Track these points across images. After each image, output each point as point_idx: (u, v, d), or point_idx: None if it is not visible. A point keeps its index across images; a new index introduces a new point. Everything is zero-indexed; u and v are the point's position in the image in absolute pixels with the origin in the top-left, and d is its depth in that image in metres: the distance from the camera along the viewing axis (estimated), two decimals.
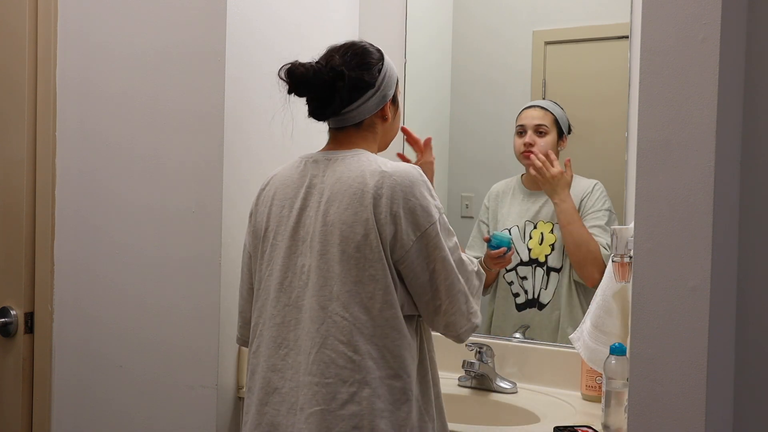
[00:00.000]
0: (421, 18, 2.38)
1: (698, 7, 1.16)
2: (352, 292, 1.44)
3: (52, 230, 2.14)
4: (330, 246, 1.46)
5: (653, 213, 1.19)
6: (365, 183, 1.45)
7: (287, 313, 1.51)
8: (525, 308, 2.21)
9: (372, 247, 1.44)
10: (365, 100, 1.54)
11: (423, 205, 1.47)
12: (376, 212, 1.43)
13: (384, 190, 1.44)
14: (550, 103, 2.18)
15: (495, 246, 2.12)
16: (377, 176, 1.46)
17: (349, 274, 1.44)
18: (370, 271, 1.44)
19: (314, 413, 1.43)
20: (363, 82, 1.53)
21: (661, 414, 1.18)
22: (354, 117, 1.55)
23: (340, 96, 1.51)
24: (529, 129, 2.17)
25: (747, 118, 1.26)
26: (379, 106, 1.57)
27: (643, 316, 1.20)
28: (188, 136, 1.94)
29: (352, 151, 1.54)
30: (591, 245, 2.07)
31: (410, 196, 1.46)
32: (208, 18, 1.89)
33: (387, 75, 1.58)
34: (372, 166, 1.48)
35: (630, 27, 2.04)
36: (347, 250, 1.44)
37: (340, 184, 1.48)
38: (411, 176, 1.48)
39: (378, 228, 1.44)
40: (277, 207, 1.56)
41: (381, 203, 1.44)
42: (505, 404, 2.01)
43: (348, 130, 1.57)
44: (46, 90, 2.14)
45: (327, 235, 1.47)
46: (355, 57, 1.54)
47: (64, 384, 2.13)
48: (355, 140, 1.57)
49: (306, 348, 1.47)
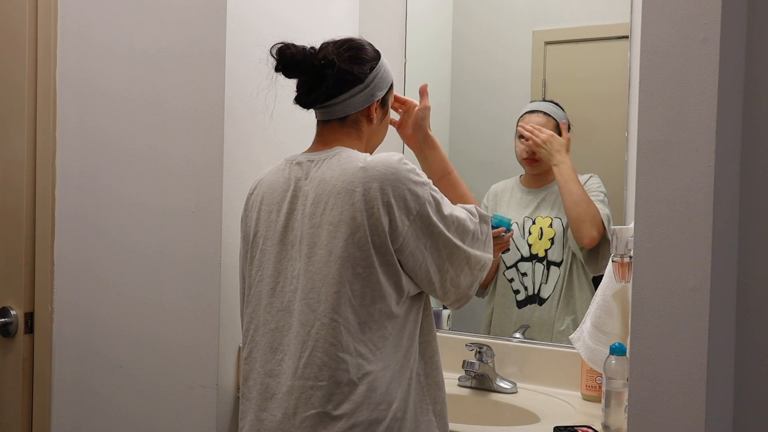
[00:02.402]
0: (421, 18, 2.38)
1: (698, 7, 1.16)
2: (340, 293, 1.43)
3: (52, 230, 2.14)
4: (317, 248, 1.46)
5: (653, 213, 1.19)
6: (349, 181, 1.45)
7: (281, 318, 1.51)
8: (525, 305, 2.22)
9: (359, 245, 1.43)
10: (351, 95, 1.53)
11: (410, 188, 1.46)
12: (368, 207, 1.43)
13: (371, 184, 1.43)
14: (551, 107, 2.18)
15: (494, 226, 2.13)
16: (360, 173, 1.45)
17: (336, 274, 1.43)
18: (357, 269, 1.43)
19: (309, 417, 1.43)
20: (351, 75, 1.52)
21: (661, 414, 1.18)
22: (338, 110, 1.55)
23: (327, 85, 1.51)
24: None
25: (747, 118, 1.26)
26: (366, 104, 1.56)
27: (643, 316, 1.20)
28: (188, 135, 1.94)
29: (334, 150, 1.53)
30: (590, 204, 2.07)
31: (398, 183, 1.44)
32: (208, 18, 1.89)
33: (379, 76, 1.57)
34: (352, 163, 1.47)
35: (630, 27, 2.04)
36: (334, 251, 1.44)
37: (324, 185, 1.47)
38: (392, 165, 1.46)
39: (372, 223, 1.43)
40: (265, 212, 1.56)
41: (372, 198, 1.43)
42: (505, 404, 2.01)
43: (332, 125, 1.57)
44: (46, 90, 2.14)
45: (313, 237, 1.47)
46: (349, 50, 1.54)
47: (64, 384, 2.13)
48: (338, 137, 1.56)
49: (296, 352, 1.46)
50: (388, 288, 1.46)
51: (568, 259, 2.15)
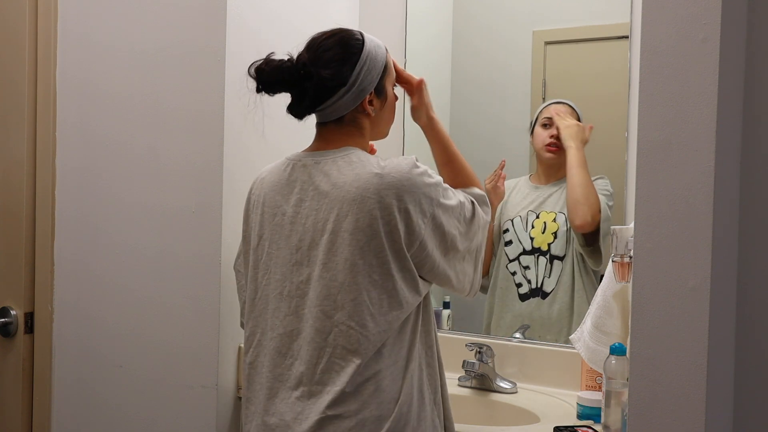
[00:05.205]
0: (421, 18, 2.38)
1: (698, 7, 1.16)
2: (357, 300, 1.43)
3: (52, 230, 2.14)
4: (331, 255, 1.45)
5: (653, 213, 1.19)
6: (364, 188, 1.44)
7: (289, 322, 1.50)
8: (528, 298, 2.21)
9: (376, 253, 1.43)
10: (338, 98, 1.50)
11: (425, 192, 1.46)
12: (384, 215, 1.43)
13: (387, 191, 1.43)
14: (573, 104, 2.19)
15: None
16: (375, 179, 1.44)
17: (353, 282, 1.43)
18: (374, 276, 1.43)
19: (323, 420, 1.43)
20: (332, 81, 1.49)
21: (661, 414, 1.18)
22: (331, 113, 1.53)
23: (309, 96, 1.50)
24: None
25: (747, 118, 1.26)
26: (357, 101, 1.52)
27: (643, 316, 1.20)
28: (188, 135, 1.94)
29: (341, 150, 1.51)
30: (592, 190, 2.07)
31: (413, 189, 1.45)
32: (208, 18, 1.89)
33: (365, 69, 1.51)
34: (366, 168, 1.46)
35: (630, 27, 2.04)
36: (349, 258, 1.43)
37: (337, 191, 1.46)
38: (407, 172, 1.46)
39: (388, 230, 1.43)
40: (269, 214, 1.54)
41: (387, 205, 1.43)
42: (505, 404, 2.01)
43: (330, 126, 1.55)
44: (46, 90, 2.14)
45: (327, 243, 1.45)
46: (327, 51, 1.50)
47: (64, 384, 2.13)
48: (339, 137, 1.54)
49: (312, 358, 1.46)
50: (406, 294, 1.46)
51: (570, 253, 2.15)
